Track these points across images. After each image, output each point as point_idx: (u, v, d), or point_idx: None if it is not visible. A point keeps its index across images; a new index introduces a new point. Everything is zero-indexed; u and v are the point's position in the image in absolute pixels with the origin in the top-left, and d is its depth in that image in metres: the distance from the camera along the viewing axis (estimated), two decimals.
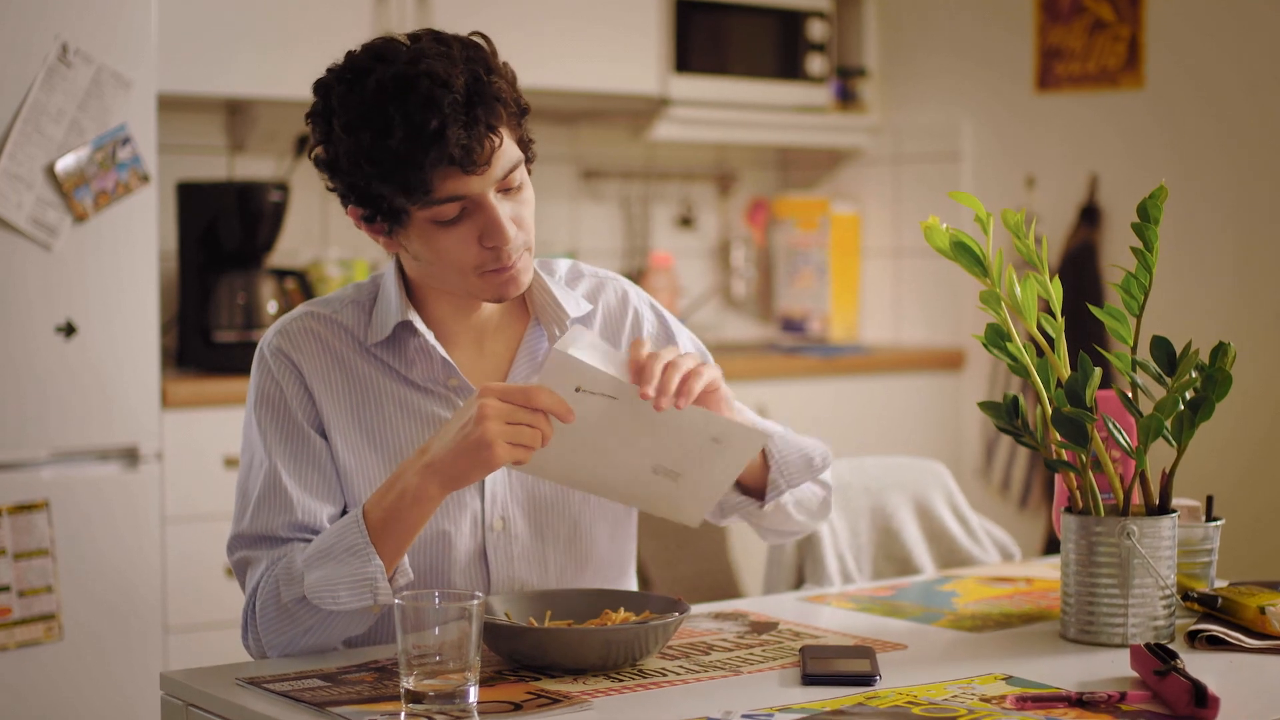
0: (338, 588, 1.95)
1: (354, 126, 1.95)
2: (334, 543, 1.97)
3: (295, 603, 1.98)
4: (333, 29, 3.99)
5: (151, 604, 3.47)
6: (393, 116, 1.93)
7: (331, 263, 4.20)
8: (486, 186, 1.99)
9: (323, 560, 1.97)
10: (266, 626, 2.01)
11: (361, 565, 1.94)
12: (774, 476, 2.14)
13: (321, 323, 2.13)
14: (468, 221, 2.01)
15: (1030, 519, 4.62)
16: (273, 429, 2.10)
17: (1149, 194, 2.06)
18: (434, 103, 1.93)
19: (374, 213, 2.01)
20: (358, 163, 1.96)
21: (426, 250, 2.03)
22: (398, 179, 1.95)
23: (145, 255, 3.43)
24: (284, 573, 2.00)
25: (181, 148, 4.14)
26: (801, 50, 4.92)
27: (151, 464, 3.47)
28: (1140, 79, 4.50)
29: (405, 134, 1.92)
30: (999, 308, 2.09)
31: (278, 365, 2.11)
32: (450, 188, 1.97)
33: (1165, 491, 2.09)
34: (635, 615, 2.00)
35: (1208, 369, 2.04)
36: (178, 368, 3.94)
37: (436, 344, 2.11)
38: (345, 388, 2.11)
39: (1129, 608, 2.03)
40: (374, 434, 2.11)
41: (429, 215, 1.99)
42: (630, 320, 2.27)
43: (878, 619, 2.22)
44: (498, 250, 2.02)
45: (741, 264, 5.20)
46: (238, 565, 2.09)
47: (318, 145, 2.04)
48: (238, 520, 2.10)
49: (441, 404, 2.13)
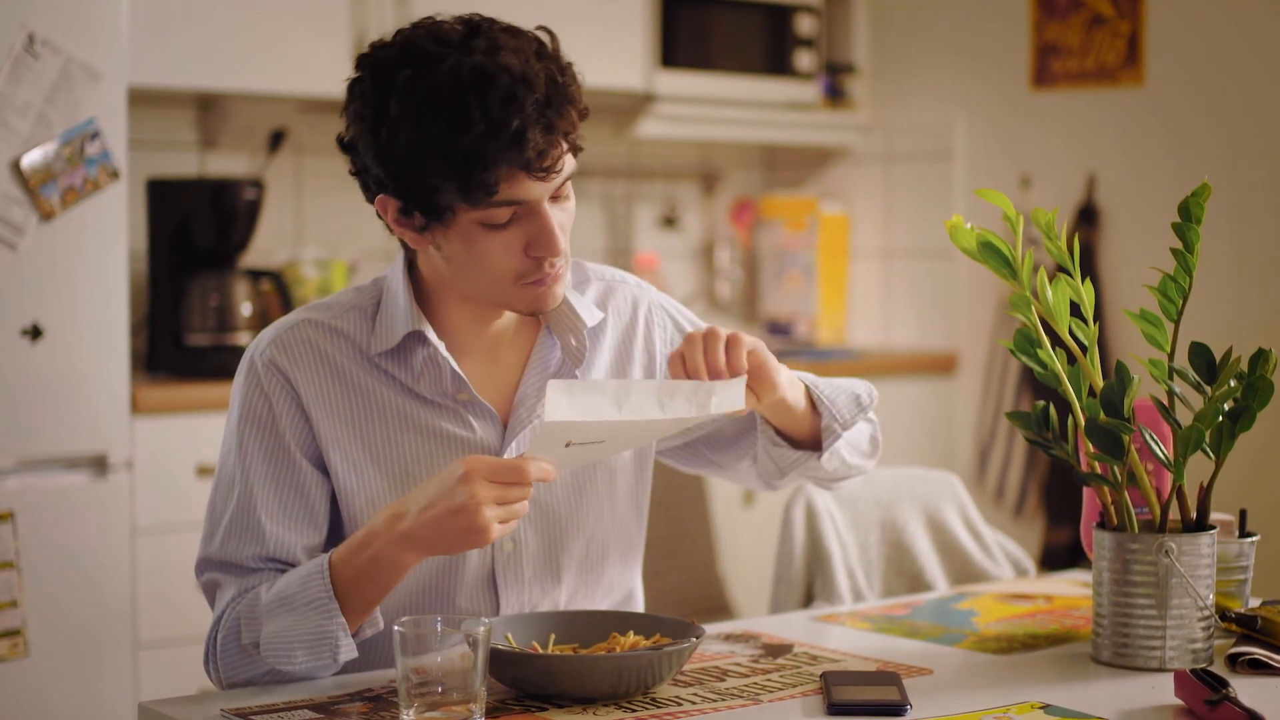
0: (293, 646, 1.86)
1: (422, 114, 1.84)
2: (297, 591, 1.88)
3: (254, 647, 1.90)
4: (309, 21, 3.93)
5: (121, 619, 3.41)
6: (471, 110, 1.83)
7: (308, 263, 4.12)
8: (545, 194, 1.90)
9: (281, 609, 1.87)
10: (227, 664, 1.92)
11: (322, 621, 1.85)
12: (827, 422, 2.08)
13: (320, 331, 2.01)
14: (516, 227, 1.91)
15: (1025, 528, 4.55)
16: (256, 448, 1.98)
17: (1191, 192, 1.97)
18: (516, 101, 1.83)
19: (415, 207, 1.90)
20: (419, 152, 1.85)
21: (465, 253, 1.92)
22: (462, 175, 1.84)
23: (115, 255, 3.37)
24: (247, 611, 1.91)
25: (151, 143, 4.06)
26: (789, 46, 4.86)
27: (121, 473, 3.41)
28: (1140, 76, 4.46)
29: (484, 131, 1.82)
30: (1029, 312, 1.99)
31: (270, 380, 1.99)
32: (512, 191, 1.87)
33: (1203, 506, 2.02)
34: (645, 639, 1.91)
35: (1248, 377, 1.97)
36: (148, 372, 3.87)
37: (448, 356, 2.00)
38: (346, 403, 2.00)
39: (1166, 629, 1.95)
40: (378, 451, 2.00)
41: (479, 217, 1.88)
42: (642, 332, 2.18)
43: (896, 640, 2.14)
44: (542, 261, 1.92)
45: (727, 265, 5.15)
46: (206, 587, 2.00)
47: (359, 125, 1.90)
48: (206, 542, 2.00)
49: (450, 418, 2.02)
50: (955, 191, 4.84)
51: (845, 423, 2.08)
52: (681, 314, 2.22)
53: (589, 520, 2.09)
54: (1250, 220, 4.20)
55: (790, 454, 2.10)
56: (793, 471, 2.13)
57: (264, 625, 1.87)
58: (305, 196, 4.32)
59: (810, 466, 2.12)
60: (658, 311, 2.20)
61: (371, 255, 4.39)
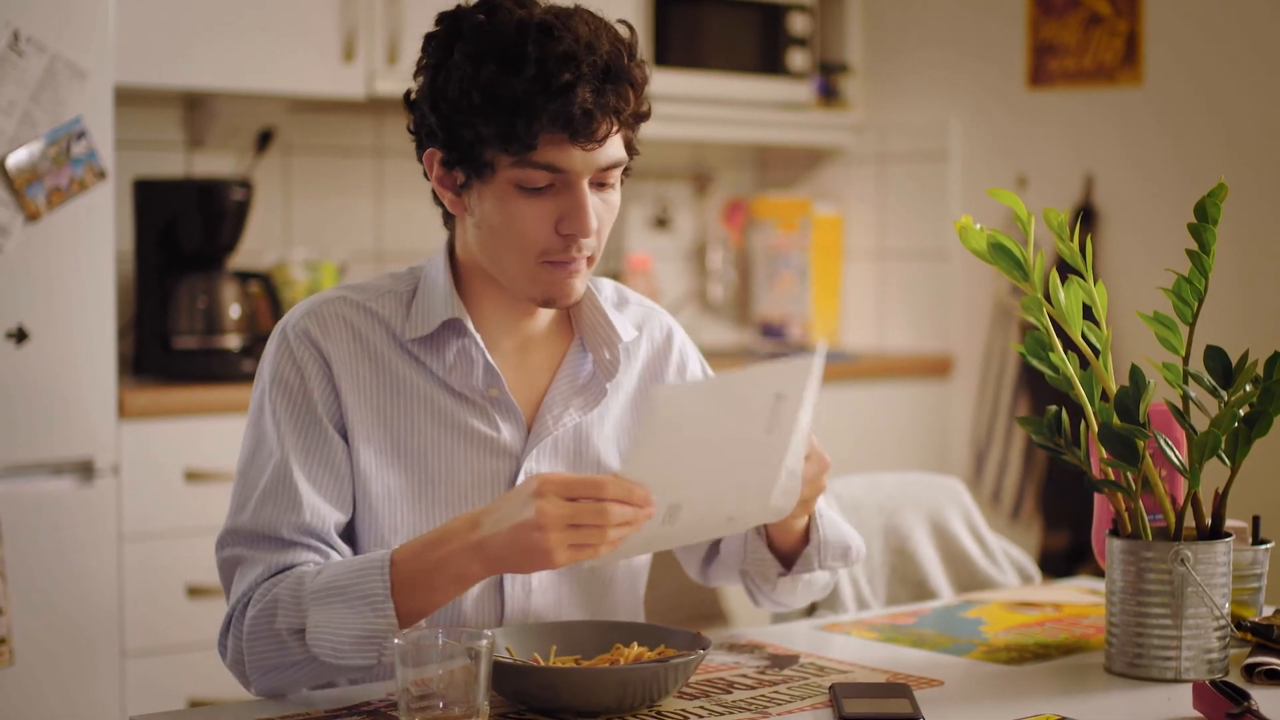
0: (341, 638, 1.79)
1: (480, 55, 1.87)
2: (351, 582, 1.80)
3: (290, 633, 1.82)
4: (297, 19, 3.88)
5: (108, 627, 3.37)
6: (527, 55, 1.85)
7: (297, 264, 4.09)
8: (585, 170, 1.89)
9: (333, 598, 1.80)
10: (254, 649, 1.85)
11: (374, 618, 1.78)
12: (810, 551, 2.04)
13: (355, 310, 1.99)
14: (552, 199, 1.90)
15: (1022, 532, 4.52)
16: (287, 418, 1.94)
17: (1208, 192, 1.93)
18: (573, 59, 1.85)
19: (459, 157, 1.91)
20: (468, 92, 1.86)
21: (498, 214, 1.91)
22: (505, 119, 1.85)
23: (101, 256, 3.33)
24: (288, 595, 1.83)
25: (137, 143, 4.01)
26: (782, 45, 4.82)
27: (108, 478, 3.37)
28: (1139, 75, 4.43)
29: (534, 76, 1.84)
30: (1040, 315, 1.95)
31: (302, 350, 1.95)
32: (551, 154, 1.87)
33: (1218, 513, 1.98)
34: (649, 650, 1.86)
35: (1265, 381, 1.93)
36: (135, 376, 3.83)
37: (484, 348, 1.98)
38: (375, 385, 1.97)
39: (1182, 640, 1.92)
40: (399, 439, 1.96)
41: (516, 176, 1.88)
42: (675, 360, 2.16)
43: (904, 650, 2.11)
44: (570, 240, 1.91)
45: (719, 266, 5.11)
46: (226, 563, 1.93)
47: (424, 74, 1.93)
48: (235, 513, 1.93)
49: (476, 414, 1.99)
50: (950, 192, 4.81)
51: (824, 563, 2.04)
52: (706, 368, 2.21)
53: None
54: (1252, 221, 4.18)
55: (760, 551, 2.05)
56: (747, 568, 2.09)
57: (310, 613, 1.80)
58: (294, 197, 4.28)
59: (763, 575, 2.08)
60: (692, 356, 2.19)
61: (361, 257, 4.36)
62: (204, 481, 3.51)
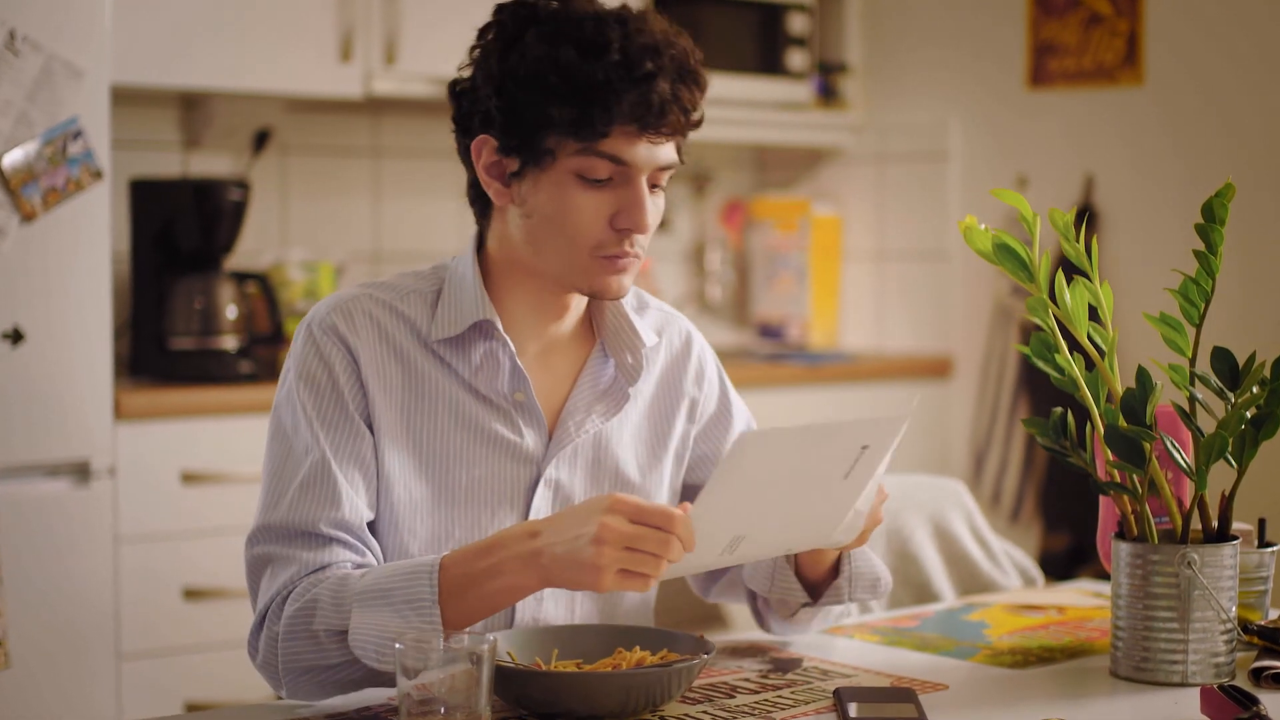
0: (386, 641, 1.75)
1: (559, 38, 1.86)
2: (397, 586, 1.77)
3: (330, 635, 1.79)
4: (294, 19, 3.86)
5: (104, 629, 3.35)
6: (610, 42, 1.84)
7: (294, 265, 4.07)
8: (646, 166, 1.89)
9: (378, 601, 1.77)
10: (290, 649, 1.81)
11: (420, 623, 1.75)
12: (841, 583, 2.02)
13: (381, 308, 1.96)
14: (610, 192, 1.89)
15: (1022, 533, 4.50)
16: (318, 414, 1.91)
17: (1215, 192, 1.91)
18: (656, 50, 1.86)
19: (518, 143, 1.89)
20: (544, 74, 1.85)
21: (553, 204, 1.89)
22: (581, 103, 1.84)
23: (97, 257, 3.32)
24: (329, 595, 1.80)
25: (133, 143, 3.99)
26: (781, 45, 4.81)
27: (104, 480, 3.35)
28: (1139, 76, 4.42)
29: (618, 62, 1.83)
30: (1046, 316, 1.93)
31: (330, 346, 1.93)
32: (619, 145, 1.86)
33: (1225, 515, 1.97)
34: (651, 654, 1.84)
35: (1272, 382, 1.91)
36: (131, 377, 3.81)
37: (513, 350, 1.96)
38: (400, 383, 1.94)
39: (1189, 643, 1.90)
40: (421, 441, 1.94)
41: (579, 165, 1.87)
42: (694, 368, 2.14)
43: (908, 654, 2.09)
44: (625, 234, 1.90)
45: (717, 267, 5.09)
46: (256, 561, 1.89)
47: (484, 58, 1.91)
48: (268, 509, 1.89)
49: (500, 418, 1.97)
50: (950, 193, 4.80)
51: (854, 596, 2.03)
52: (728, 384, 2.19)
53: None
54: (1254, 221, 4.16)
55: (787, 579, 2.02)
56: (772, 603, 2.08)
57: (353, 614, 1.77)
58: (291, 198, 4.27)
59: (786, 602, 2.06)
60: (710, 362, 2.17)
61: (358, 257, 4.34)
62: (201, 483, 3.49)
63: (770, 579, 2.02)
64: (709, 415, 2.14)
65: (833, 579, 2.02)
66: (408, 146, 4.43)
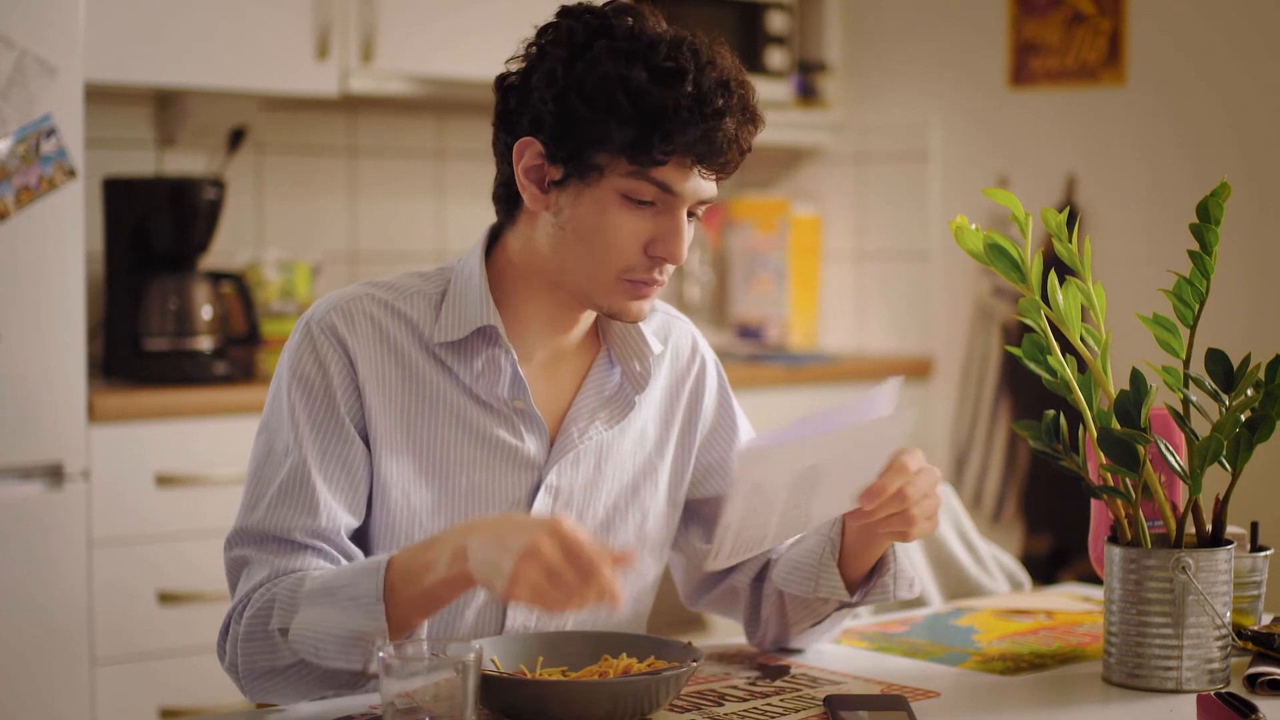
0: (324, 638, 1.73)
1: (633, 58, 1.82)
2: (345, 583, 1.75)
3: (283, 634, 1.77)
4: (271, 15, 3.83)
5: (77, 634, 3.32)
6: (684, 72, 1.81)
7: (270, 265, 4.04)
8: (691, 197, 1.86)
9: (324, 598, 1.75)
10: (248, 650, 1.80)
11: (362, 620, 1.72)
12: (887, 580, 1.99)
13: (383, 309, 1.93)
14: (652, 218, 1.86)
15: (1003, 535, 4.48)
16: (306, 416, 1.88)
17: (1210, 191, 1.90)
18: (727, 88, 1.83)
19: (568, 154, 1.85)
20: (611, 90, 1.81)
21: (592, 219, 1.86)
22: (646, 127, 1.80)
23: (71, 256, 3.28)
24: (285, 595, 1.78)
25: (107, 141, 3.95)
26: (761, 43, 4.78)
27: (77, 483, 3.33)
28: (1122, 75, 4.40)
29: (691, 95, 1.80)
30: (1038, 317, 1.91)
31: (326, 346, 1.89)
32: (671, 174, 1.83)
33: (1219, 519, 1.94)
34: (639, 661, 1.82)
35: (1267, 385, 1.90)
36: (105, 378, 3.78)
37: (515, 358, 1.93)
38: (400, 387, 1.91)
39: (1183, 649, 1.88)
40: (421, 445, 1.91)
41: (627, 186, 1.84)
42: (695, 373, 2.12)
43: (897, 660, 2.06)
44: (658, 263, 1.87)
45: (696, 268, 5.07)
46: (234, 563, 1.87)
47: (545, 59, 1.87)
48: (247, 511, 1.87)
49: (502, 424, 1.94)
50: (931, 193, 4.78)
51: (897, 595, 2.00)
52: (728, 388, 2.17)
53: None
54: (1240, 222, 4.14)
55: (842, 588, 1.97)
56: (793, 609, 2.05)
57: (299, 612, 1.75)
58: (266, 197, 4.23)
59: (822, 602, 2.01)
60: (711, 366, 2.15)
61: (335, 257, 4.31)
62: (175, 486, 3.46)
63: (815, 578, 1.97)
64: (710, 426, 2.12)
65: (873, 577, 1.98)
66: (385, 146, 4.40)
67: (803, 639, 2.07)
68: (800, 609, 2.03)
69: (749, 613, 2.10)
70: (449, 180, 4.51)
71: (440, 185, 4.48)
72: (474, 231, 4.15)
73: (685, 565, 2.16)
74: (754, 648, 2.11)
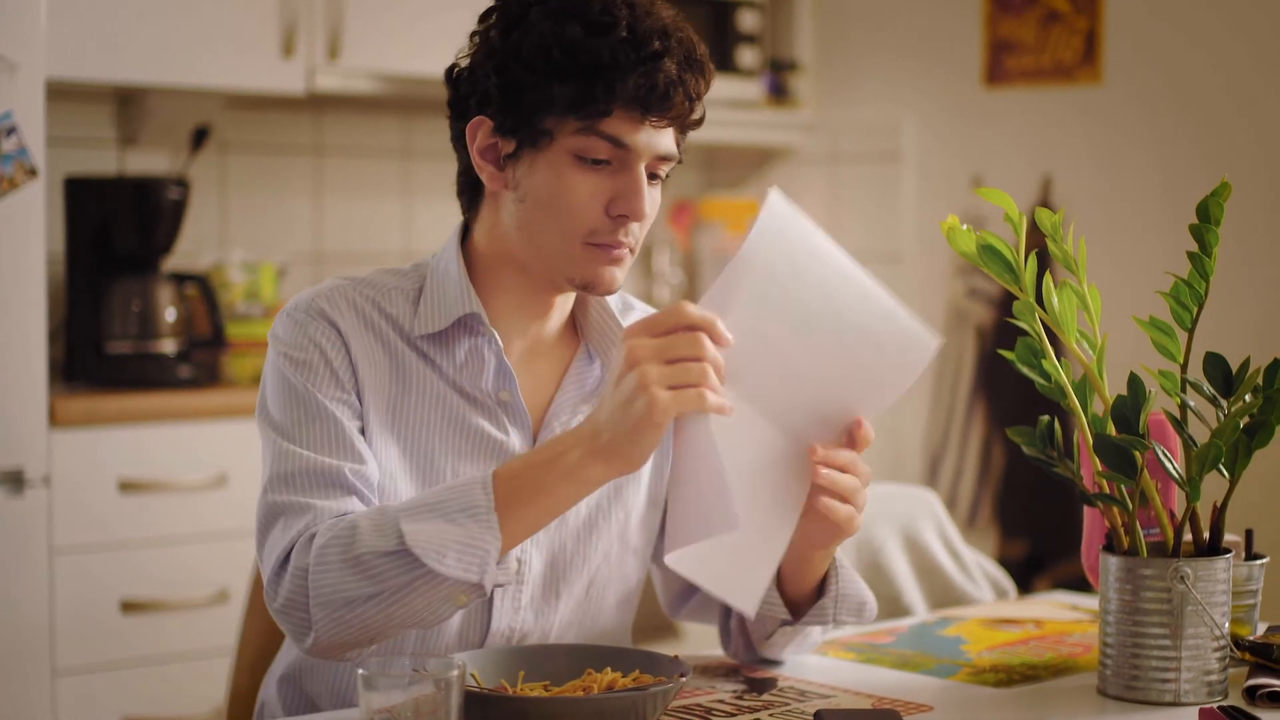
0: (446, 542, 1.68)
1: (566, 15, 1.82)
2: (447, 499, 1.71)
3: (373, 556, 1.70)
4: (235, 12, 3.79)
5: (38, 644, 3.29)
6: (619, 19, 1.81)
7: (235, 266, 4.01)
8: (646, 152, 1.84)
9: (429, 513, 1.71)
10: (323, 580, 1.72)
11: (481, 532, 1.69)
12: (826, 603, 1.94)
13: (365, 299, 1.92)
14: (608, 176, 1.84)
15: (978, 540, 4.46)
16: (317, 389, 1.85)
17: (1210, 191, 1.85)
18: (665, 33, 1.82)
19: (516, 122, 1.84)
20: (547, 50, 1.81)
21: (549, 186, 1.84)
22: (585, 80, 1.80)
23: (32, 257, 3.25)
24: (369, 521, 1.72)
25: (68, 140, 3.91)
26: (731, 42, 4.76)
27: (38, 489, 3.29)
28: (1098, 74, 4.39)
29: (625, 40, 1.80)
30: (1033, 320, 1.87)
31: (317, 327, 1.87)
32: (620, 127, 1.82)
33: (1217, 527, 1.89)
34: (623, 676, 1.76)
35: (1265, 389, 1.85)
36: (66, 382, 3.74)
37: (500, 346, 1.91)
38: (387, 373, 1.89)
39: (1181, 661, 1.83)
40: (406, 435, 1.89)
41: (577, 145, 1.82)
42: None
43: (886, 671, 2.02)
44: (620, 222, 1.85)
45: (666, 268, 5.04)
46: (270, 510, 1.81)
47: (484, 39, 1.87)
48: (284, 459, 1.82)
49: (487, 416, 1.91)
50: (903, 193, 4.75)
51: (838, 618, 1.95)
52: None
53: (595, 557, 1.98)
54: None
55: (780, 607, 1.94)
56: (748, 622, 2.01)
57: (404, 523, 1.70)
58: (231, 197, 4.19)
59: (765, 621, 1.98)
60: None
61: (301, 258, 4.26)
62: (139, 492, 3.43)
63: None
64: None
65: (817, 598, 1.94)
66: (351, 144, 4.36)
67: (771, 652, 2.03)
68: (754, 623, 2.00)
69: (722, 622, 2.08)
70: (416, 180, 4.46)
71: (407, 185, 4.44)
72: (441, 231, 4.11)
73: (663, 574, 2.12)
74: (731, 659, 2.07)
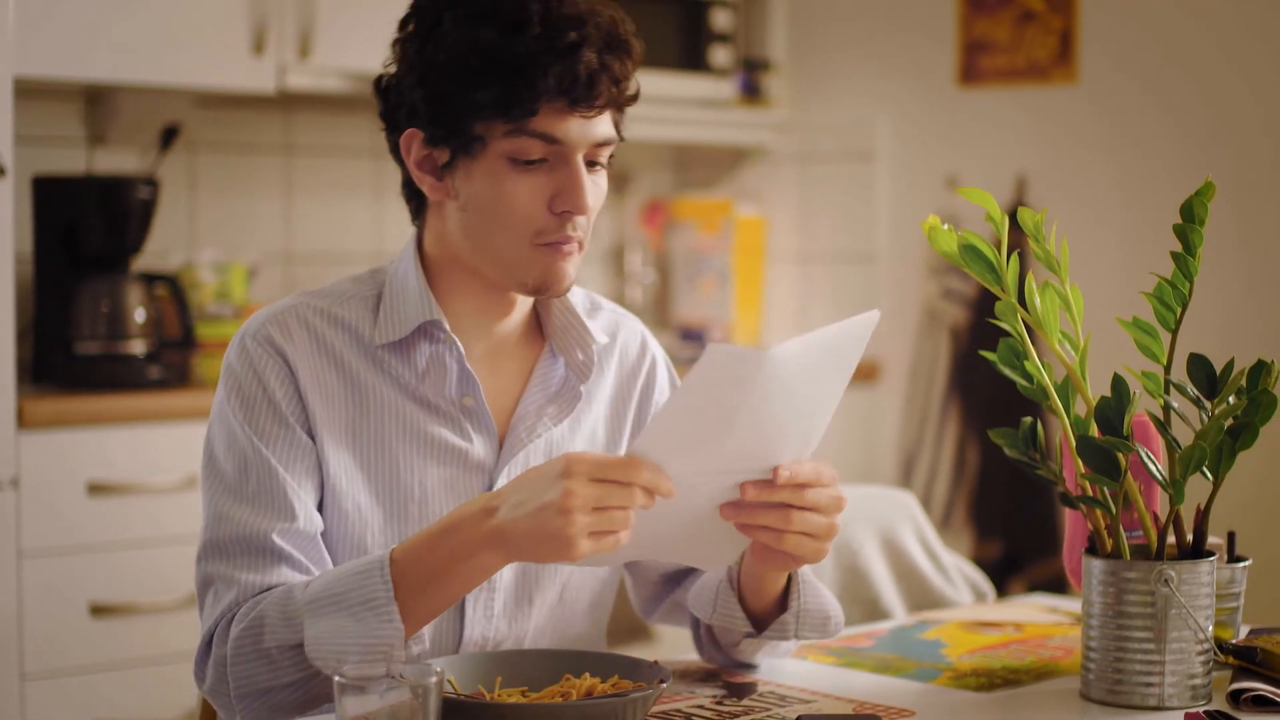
0: (346, 649, 1.67)
1: (477, 19, 1.80)
2: (348, 589, 1.70)
3: (282, 650, 1.71)
4: (205, 9, 3.75)
5: (6, 648, 3.26)
6: (530, 15, 1.79)
7: (205, 266, 3.97)
8: (581, 143, 1.82)
9: (331, 607, 1.69)
10: (240, 671, 1.73)
11: (379, 625, 1.67)
12: (787, 619, 1.92)
13: (319, 316, 1.89)
14: (546, 174, 1.82)
15: (952, 540, 4.44)
16: (255, 430, 1.83)
17: (1195, 191, 1.83)
18: (579, 20, 1.79)
19: (445, 133, 1.82)
20: (464, 56, 1.79)
21: (488, 192, 1.82)
22: (505, 82, 1.77)
23: (1, 258, 3.22)
24: (275, 610, 1.72)
25: (36, 139, 3.87)
26: (704, 40, 4.74)
27: (6, 491, 3.26)
28: (1073, 74, 4.38)
29: (540, 35, 1.79)
30: (1015, 320, 1.85)
31: (263, 358, 1.85)
32: (549, 123, 1.79)
33: (1200, 530, 1.88)
34: (601, 681, 1.74)
35: (1249, 391, 1.83)
36: (34, 384, 3.70)
37: (461, 352, 1.89)
38: (341, 395, 1.87)
39: (1165, 665, 1.81)
40: (367, 453, 1.87)
41: (510, 148, 1.80)
42: (646, 370, 2.07)
43: (866, 675, 2.00)
44: (565, 217, 1.82)
45: (638, 269, 5.02)
46: (202, 580, 1.81)
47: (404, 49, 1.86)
48: (216, 523, 1.81)
49: (448, 424, 1.89)
50: (877, 193, 4.74)
51: (800, 634, 1.93)
52: (676, 380, 2.11)
53: (567, 565, 1.93)
54: None
55: (730, 605, 1.92)
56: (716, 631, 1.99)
57: (307, 626, 1.69)
58: (200, 196, 4.15)
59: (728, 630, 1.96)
60: (662, 365, 2.10)
61: (271, 259, 4.22)
62: (108, 494, 3.39)
63: (713, 604, 1.93)
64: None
65: (779, 612, 1.92)
66: (322, 144, 4.32)
67: (743, 658, 2.01)
68: (720, 631, 1.99)
69: (694, 627, 2.07)
70: (387, 180, 4.43)
71: (378, 185, 4.41)
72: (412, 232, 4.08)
73: (636, 578, 2.11)
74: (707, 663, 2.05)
